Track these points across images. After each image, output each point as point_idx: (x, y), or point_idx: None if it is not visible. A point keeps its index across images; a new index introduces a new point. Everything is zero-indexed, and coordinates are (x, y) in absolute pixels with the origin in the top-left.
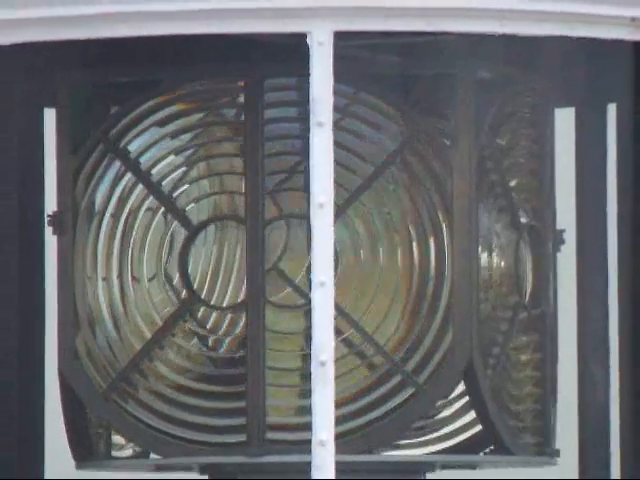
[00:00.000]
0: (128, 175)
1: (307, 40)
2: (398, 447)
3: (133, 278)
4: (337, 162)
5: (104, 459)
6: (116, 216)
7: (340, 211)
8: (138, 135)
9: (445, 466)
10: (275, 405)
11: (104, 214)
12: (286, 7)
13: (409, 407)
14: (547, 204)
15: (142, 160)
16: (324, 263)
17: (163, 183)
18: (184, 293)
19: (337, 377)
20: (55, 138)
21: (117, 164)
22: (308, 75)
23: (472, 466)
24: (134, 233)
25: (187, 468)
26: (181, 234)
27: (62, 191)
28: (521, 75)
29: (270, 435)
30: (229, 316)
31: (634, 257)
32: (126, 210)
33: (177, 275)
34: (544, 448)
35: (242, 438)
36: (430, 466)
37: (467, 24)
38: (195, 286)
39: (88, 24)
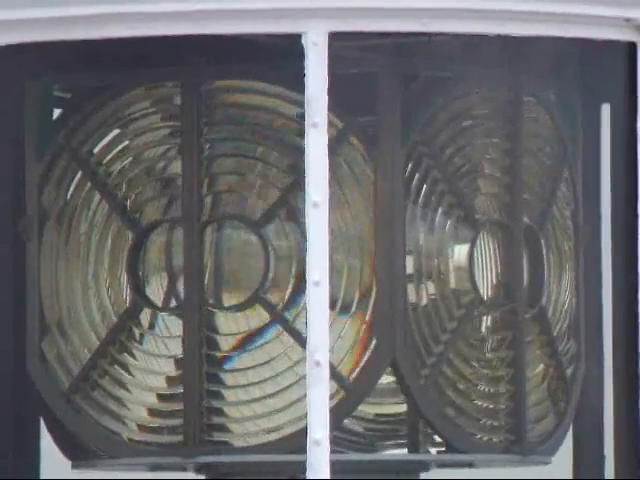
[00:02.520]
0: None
1: (302, 41)
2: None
3: (93, 281)
4: (269, 162)
5: (95, 458)
6: (77, 220)
7: (272, 211)
8: (95, 140)
9: (441, 465)
10: (215, 406)
11: (70, 219)
12: (281, 8)
13: (335, 408)
14: (540, 201)
15: (99, 164)
16: (319, 262)
17: (116, 186)
18: (133, 295)
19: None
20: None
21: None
22: (252, 76)
23: (469, 465)
24: (93, 237)
25: (182, 468)
26: (135, 237)
27: (29, 198)
28: (479, 72)
29: (209, 436)
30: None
31: (627, 256)
32: (86, 213)
33: (127, 277)
34: (514, 446)
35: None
36: (425, 465)
37: (463, 25)
38: (147, 288)
39: (80, 25)
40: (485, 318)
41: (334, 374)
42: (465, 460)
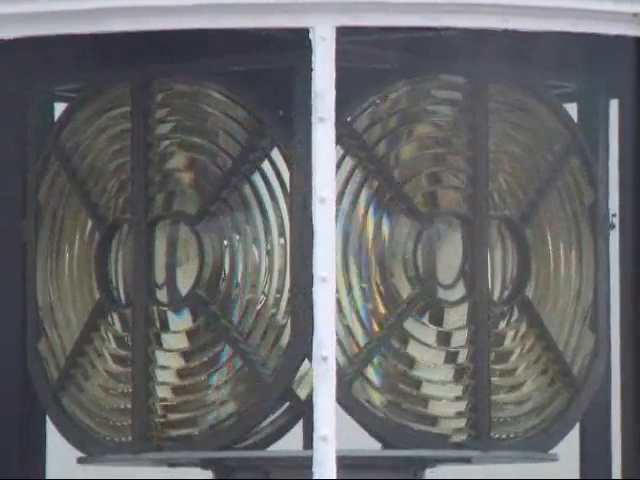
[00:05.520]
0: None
1: (309, 35)
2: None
3: (76, 280)
4: (210, 159)
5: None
6: (63, 221)
7: (206, 208)
8: (77, 139)
9: (439, 461)
10: (164, 403)
11: (60, 219)
12: (288, 2)
13: (256, 405)
14: (529, 193)
15: (79, 164)
16: (325, 258)
17: (91, 186)
18: (101, 294)
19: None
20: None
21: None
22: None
23: (466, 460)
24: (77, 237)
25: (189, 464)
26: (101, 236)
27: (28, 198)
28: (426, 66)
29: (158, 433)
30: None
31: (636, 252)
32: (71, 214)
33: (95, 276)
34: (474, 442)
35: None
36: (432, 462)
37: (470, 20)
38: (113, 286)
39: (85, 19)
40: (439, 312)
41: (255, 370)
42: (464, 456)
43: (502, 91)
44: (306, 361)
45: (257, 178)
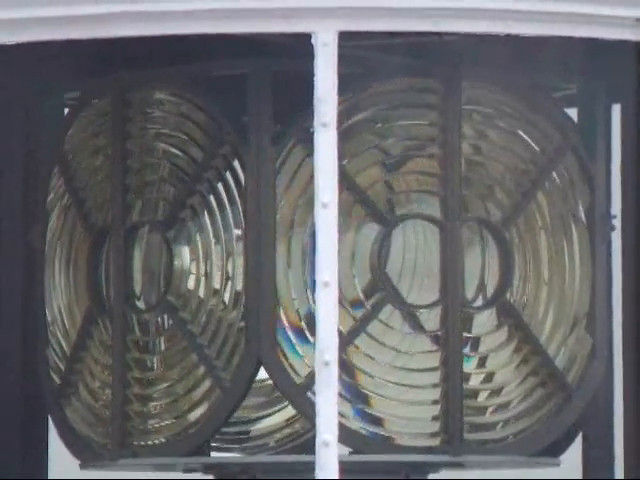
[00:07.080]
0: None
1: (312, 40)
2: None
3: (74, 285)
4: (178, 167)
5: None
6: (64, 229)
7: (174, 215)
8: (77, 146)
9: (429, 466)
10: (141, 410)
11: (63, 226)
12: (290, 7)
13: (216, 410)
14: (513, 196)
15: (76, 174)
16: (328, 263)
17: (86, 194)
18: (91, 301)
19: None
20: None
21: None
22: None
23: (460, 465)
24: (74, 243)
25: (190, 469)
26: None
27: (38, 207)
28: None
29: (137, 439)
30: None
31: (637, 257)
32: (71, 221)
33: (86, 282)
34: (444, 447)
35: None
36: (434, 466)
37: (472, 24)
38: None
39: (84, 24)
40: (407, 316)
41: (214, 374)
42: (457, 461)
43: (490, 95)
44: None
45: (220, 186)
